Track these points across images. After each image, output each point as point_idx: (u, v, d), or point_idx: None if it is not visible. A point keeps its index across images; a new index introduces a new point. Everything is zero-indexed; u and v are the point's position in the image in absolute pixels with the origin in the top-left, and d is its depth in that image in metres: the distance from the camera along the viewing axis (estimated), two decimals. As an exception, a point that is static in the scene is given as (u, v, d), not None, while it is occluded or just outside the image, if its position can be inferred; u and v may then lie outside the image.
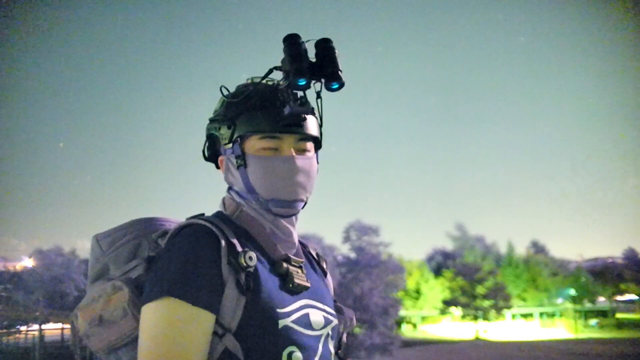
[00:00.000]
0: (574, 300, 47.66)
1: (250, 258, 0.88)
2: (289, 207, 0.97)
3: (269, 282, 0.91)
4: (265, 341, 0.87)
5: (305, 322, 0.93)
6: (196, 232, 0.90)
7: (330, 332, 1.00)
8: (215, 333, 0.86)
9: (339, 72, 0.95)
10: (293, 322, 0.91)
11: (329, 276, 1.14)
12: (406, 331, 43.83)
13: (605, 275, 49.73)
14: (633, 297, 51.84)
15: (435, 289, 44.94)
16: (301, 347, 0.90)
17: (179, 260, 0.87)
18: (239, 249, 0.89)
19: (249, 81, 1.02)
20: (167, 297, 0.83)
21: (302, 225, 1.14)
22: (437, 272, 48.03)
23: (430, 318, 48.94)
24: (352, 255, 21.13)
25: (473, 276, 41.01)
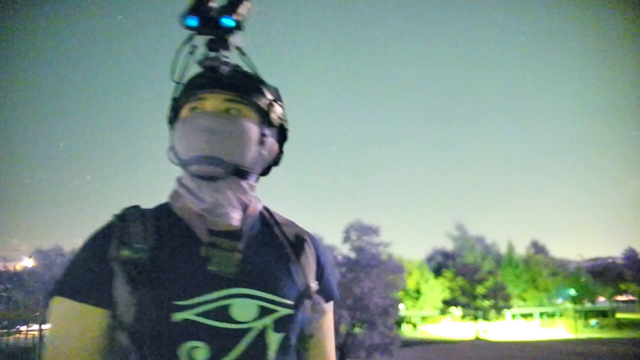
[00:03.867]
0: (574, 300, 47.66)
1: (135, 250, 0.83)
2: (204, 163, 0.87)
3: (174, 272, 0.84)
4: (158, 336, 0.81)
5: (221, 314, 0.83)
6: (98, 229, 0.90)
7: (271, 324, 0.87)
8: (115, 328, 0.84)
9: (233, 10, 0.88)
10: (199, 315, 0.82)
11: (306, 259, 0.99)
12: (406, 331, 43.82)
13: (605, 275, 49.74)
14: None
15: (435, 289, 44.95)
16: (210, 343, 0.82)
17: (72, 259, 0.88)
18: (133, 241, 0.85)
19: None
20: (57, 297, 0.84)
21: (303, 225, 1.06)
22: (437, 272, 48.04)
23: (430, 318, 48.97)
24: (352, 255, 21.10)
25: (473, 276, 41.01)
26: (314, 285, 0.97)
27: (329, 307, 1.05)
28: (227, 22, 0.87)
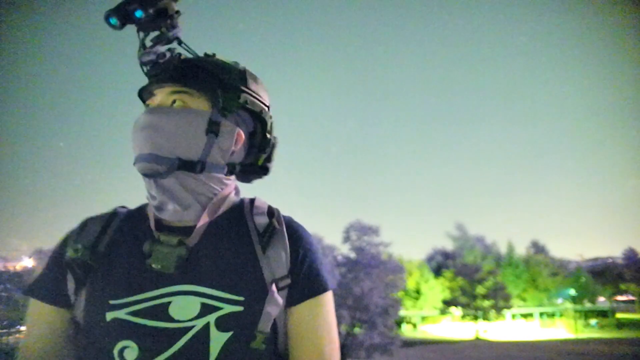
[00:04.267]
0: (574, 300, 47.67)
1: (76, 250, 0.85)
2: (141, 161, 0.85)
3: (114, 271, 0.85)
4: (95, 336, 0.81)
5: (158, 312, 0.81)
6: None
7: (213, 322, 0.81)
8: (73, 328, 0.88)
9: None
10: (131, 313, 0.81)
11: (275, 252, 0.89)
12: (406, 331, 43.82)
13: (605, 275, 49.75)
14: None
15: (435, 289, 44.94)
16: (141, 342, 0.79)
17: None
18: (77, 241, 0.88)
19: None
20: (29, 298, 0.89)
21: (303, 225, 1.00)
22: (437, 272, 48.05)
23: (430, 318, 48.95)
24: (352, 255, 21.11)
25: (473, 276, 41.00)
26: (283, 279, 0.87)
27: (320, 300, 0.90)
28: (137, 13, 0.85)
